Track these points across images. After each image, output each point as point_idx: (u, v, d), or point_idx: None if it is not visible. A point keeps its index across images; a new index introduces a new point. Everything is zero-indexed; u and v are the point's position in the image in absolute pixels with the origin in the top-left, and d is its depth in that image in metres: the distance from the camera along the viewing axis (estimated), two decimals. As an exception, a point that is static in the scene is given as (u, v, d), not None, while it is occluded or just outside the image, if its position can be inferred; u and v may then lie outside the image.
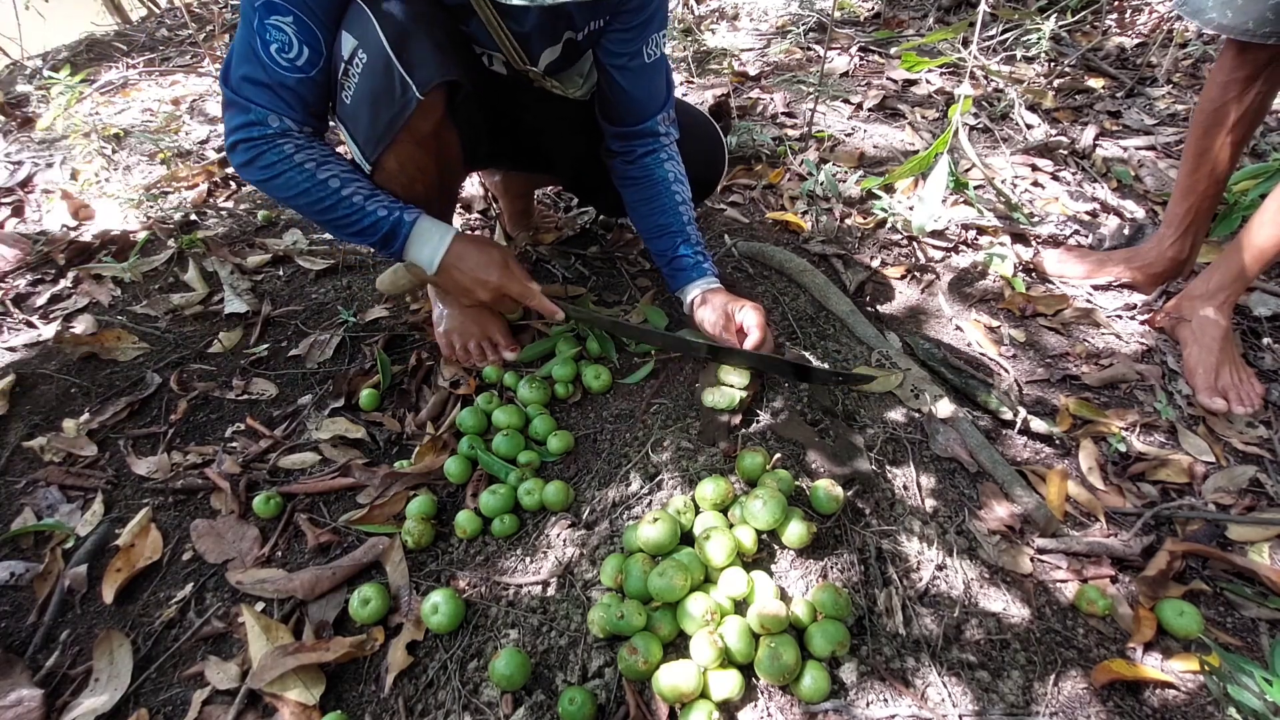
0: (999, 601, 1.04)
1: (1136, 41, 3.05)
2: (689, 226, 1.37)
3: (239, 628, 1.02)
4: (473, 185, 2.06)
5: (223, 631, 1.02)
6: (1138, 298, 1.68)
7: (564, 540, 1.10)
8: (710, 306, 1.31)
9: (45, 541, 1.15)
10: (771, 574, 1.03)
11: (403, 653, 0.97)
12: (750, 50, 2.99)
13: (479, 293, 1.19)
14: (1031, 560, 1.10)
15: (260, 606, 1.04)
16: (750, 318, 1.25)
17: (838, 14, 3.24)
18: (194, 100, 2.71)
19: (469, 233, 1.19)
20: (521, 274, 1.22)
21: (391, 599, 1.03)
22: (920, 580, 1.04)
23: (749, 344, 1.25)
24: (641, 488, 1.15)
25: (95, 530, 1.16)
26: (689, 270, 1.36)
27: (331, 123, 1.15)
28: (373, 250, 1.30)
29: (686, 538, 1.05)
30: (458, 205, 1.97)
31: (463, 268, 1.17)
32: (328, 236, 1.90)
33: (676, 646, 0.96)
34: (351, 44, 1.01)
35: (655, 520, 1.00)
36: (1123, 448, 1.31)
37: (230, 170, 2.23)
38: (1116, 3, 3.23)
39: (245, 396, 1.41)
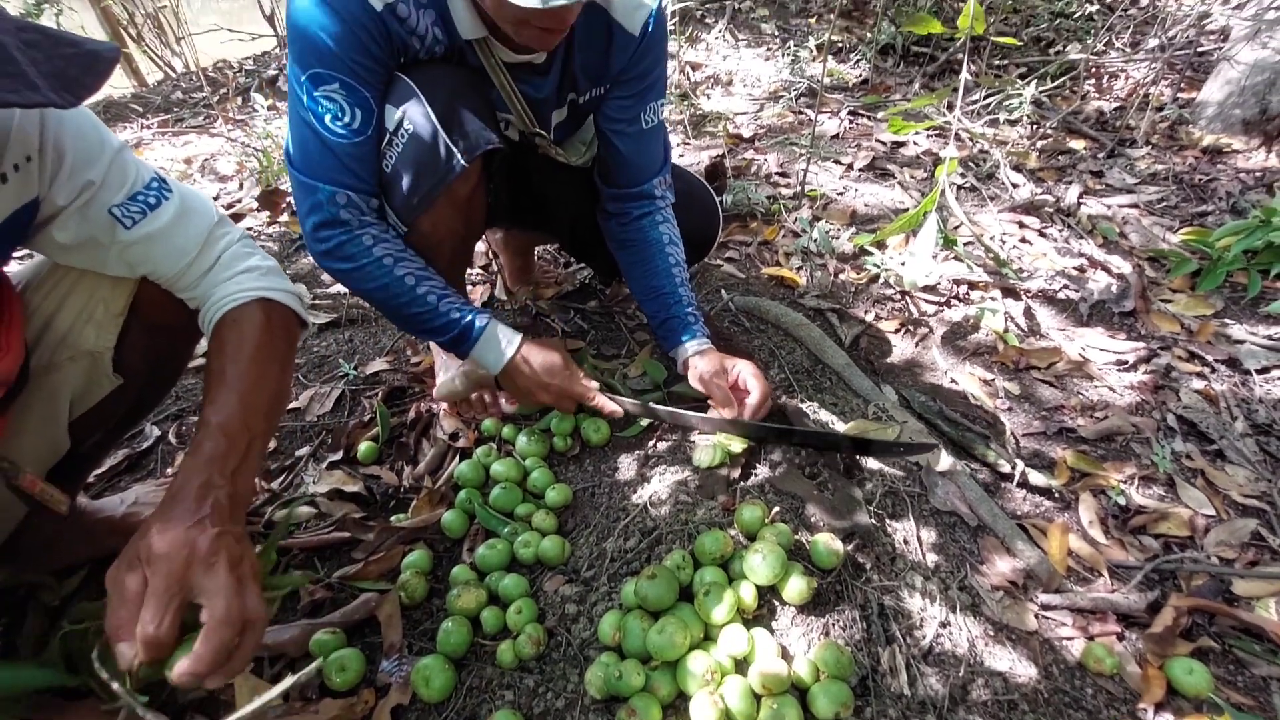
0: (1005, 660, 1.02)
1: (1115, 105, 3.18)
2: (681, 288, 1.38)
3: (227, 688, 0.99)
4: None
5: (209, 692, 0.99)
6: (1128, 350, 1.70)
7: (560, 596, 1.08)
8: (704, 359, 1.32)
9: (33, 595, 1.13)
10: (772, 631, 1.01)
11: (387, 718, 0.94)
12: (744, 114, 3.11)
13: (541, 395, 1.21)
14: (1036, 617, 1.08)
15: (249, 665, 1.01)
16: (748, 371, 1.27)
17: (827, 80, 3.38)
18: (205, 159, 2.80)
19: (534, 338, 1.23)
20: (580, 374, 1.25)
21: (370, 665, 1.01)
22: (924, 638, 1.02)
23: (751, 400, 1.26)
24: (640, 542, 1.14)
25: (85, 585, 1.14)
26: (680, 331, 1.37)
27: None
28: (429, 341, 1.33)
29: (685, 593, 1.04)
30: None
31: (527, 371, 1.19)
32: (331, 290, 1.93)
33: (676, 709, 0.93)
34: (397, 116, 1.05)
35: (653, 575, 0.99)
36: (1122, 500, 1.31)
37: (237, 226, 2.27)
38: (1094, 69, 3.39)
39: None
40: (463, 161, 1.06)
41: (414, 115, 1.05)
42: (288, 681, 0.68)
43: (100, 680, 0.67)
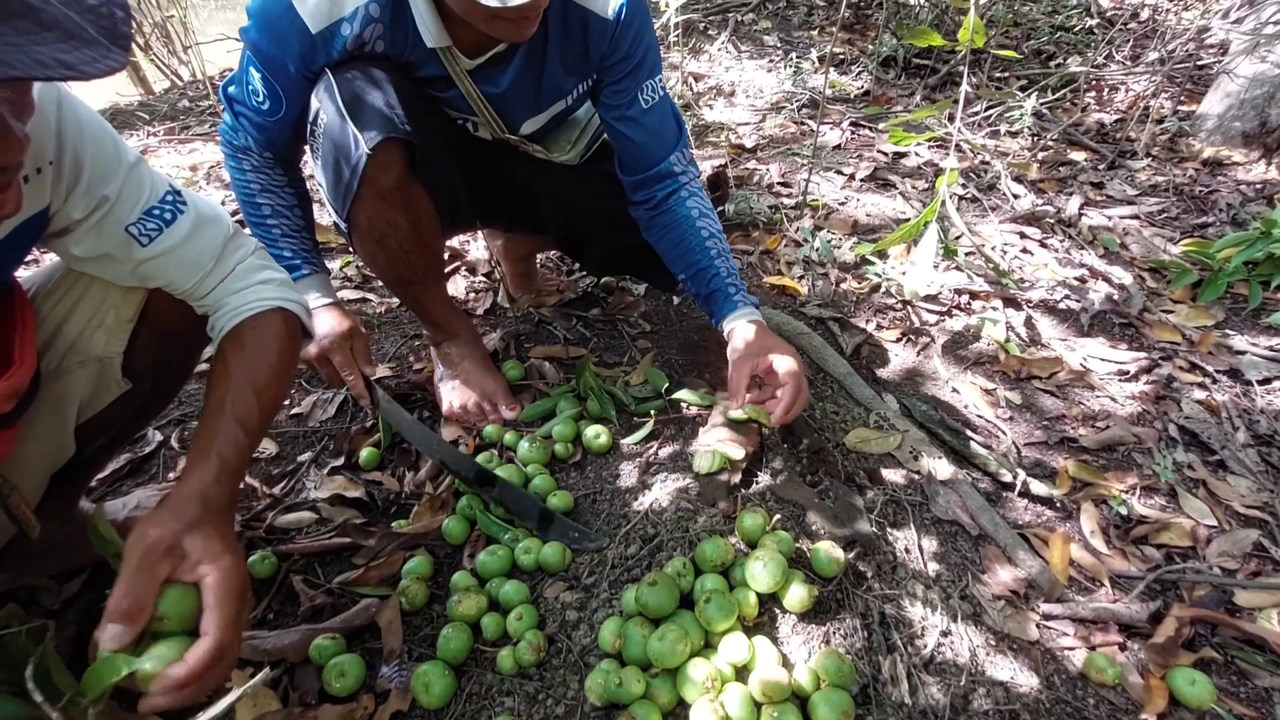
0: (1006, 670, 1.01)
1: (1115, 117, 3.20)
2: (719, 260, 1.34)
3: (226, 693, 0.99)
4: (478, 249, 2.12)
5: (209, 698, 0.99)
6: (1130, 361, 1.70)
7: (561, 603, 1.08)
8: (745, 334, 1.26)
9: (33, 600, 1.13)
10: (773, 639, 1.01)
11: (388, 723, 0.94)
12: (746, 124, 3.12)
13: (310, 351, 1.25)
14: (1037, 626, 1.08)
15: (249, 670, 1.01)
16: (783, 365, 1.20)
17: (829, 91, 3.40)
18: (211, 167, 2.81)
19: (342, 311, 1.30)
20: (361, 353, 1.28)
21: (369, 670, 1.01)
22: (925, 647, 1.02)
23: (779, 409, 1.20)
24: (640, 549, 1.14)
25: (84, 591, 1.14)
26: (723, 304, 1.32)
27: (306, 171, 1.26)
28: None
29: (686, 600, 1.04)
30: (463, 268, 2.03)
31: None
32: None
33: (676, 716, 0.93)
34: (315, 106, 1.12)
35: (654, 582, 0.99)
36: (1124, 510, 1.30)
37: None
38: (1094, 82, 3.40)
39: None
40: (365, 149, 1.07)
41: (328, 107, 1.10)
42: (235, 694, 0.69)
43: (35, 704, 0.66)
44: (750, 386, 1.25)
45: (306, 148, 1.21)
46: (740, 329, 1.29)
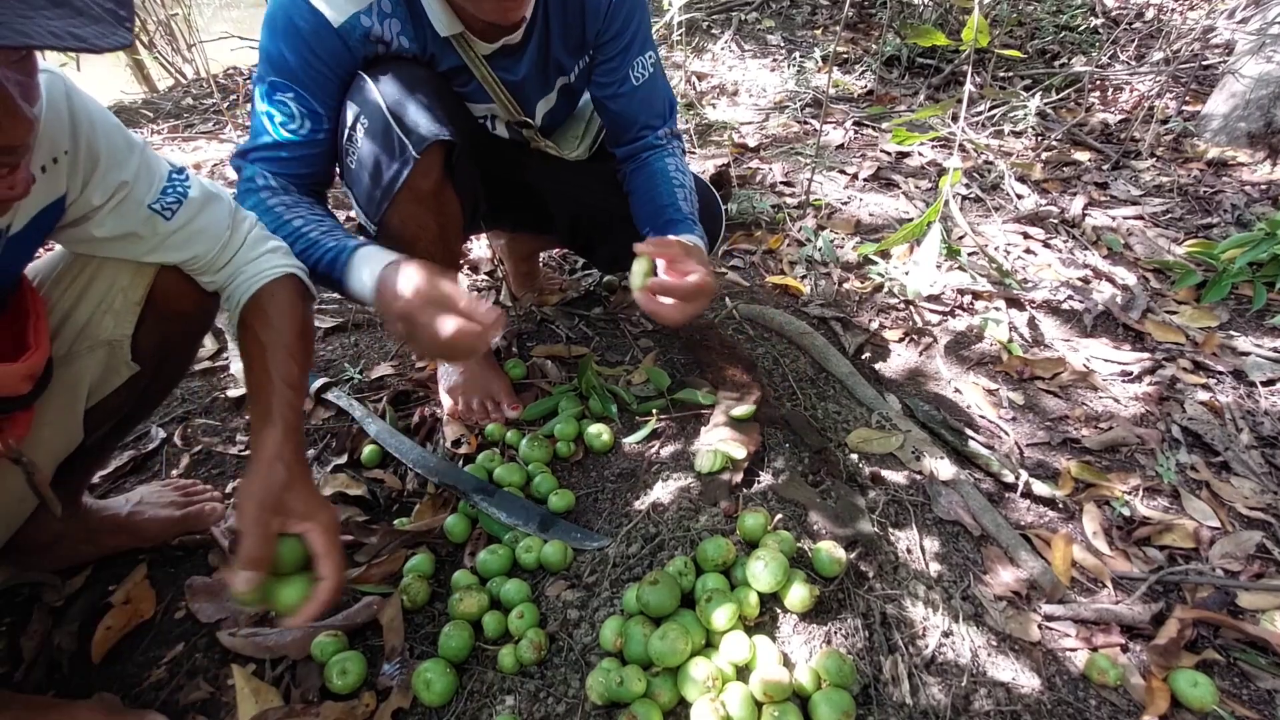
0: (1008, 671, 1.01)
1: (1119, 118, 3.19)
2: (684, 204, 1.27)
3: (228, 690, 0.99)
4: (480, 248, 2.12)
5: (211, 694, 0.99)
6: (1133, 361, 1.70)
7: (562, 601, 1.08)
8: (686, 241, 1.16)
9: (37, 597, 1.14)
10: (774, 639, 1.01)
11: (388, 721, 0.94)
12: (749, 124, 3.12)
13: (395, 305, 0.95)
14: (1039, 627, 1.08)
15: (251, 667, 1.01)
16: (696, 269, 1.06)
17: (833, 91, 3.39)
18: (215, 165, 2.82)
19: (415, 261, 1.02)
20: (464, 299, 0.93)
21: (371, 668, 1.01)
22: (926, 647, 1.02)
23: (665, 283, 1.05)
24: (642, 548, 1.14)
25: (89, 586, 1.15)
26: (678, 228, 1.22)
27: (340, 190, 1.21)
28: (339, 295, 1.12)
29: (687, 600, 1.04)
30: (465, 267, 2.03)
31: (390, 282, 0.97)
32: (337, 295, 1.94)
33: (677, 715, 0.93)
34: (354, 111, 1.09)
35: (655, 581, 0.99)
36: (1126, 511, 1.30)
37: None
38: (1098, 81, 3.39)
39: (248, 452, 1.42)
40: (414, 153, 1.07)
41: (369, 110, 1.08)
42: None
43: None
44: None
45: (336, 166, 1.17)
46: (686, 238, 1.18)
